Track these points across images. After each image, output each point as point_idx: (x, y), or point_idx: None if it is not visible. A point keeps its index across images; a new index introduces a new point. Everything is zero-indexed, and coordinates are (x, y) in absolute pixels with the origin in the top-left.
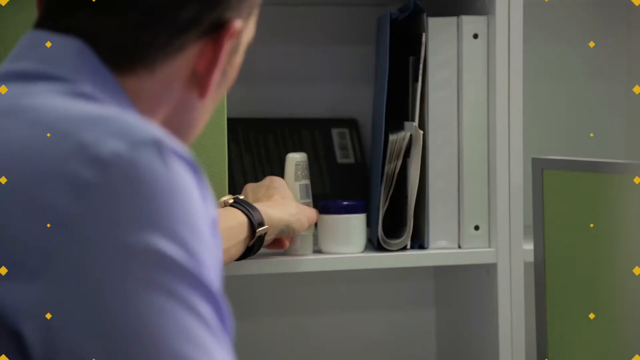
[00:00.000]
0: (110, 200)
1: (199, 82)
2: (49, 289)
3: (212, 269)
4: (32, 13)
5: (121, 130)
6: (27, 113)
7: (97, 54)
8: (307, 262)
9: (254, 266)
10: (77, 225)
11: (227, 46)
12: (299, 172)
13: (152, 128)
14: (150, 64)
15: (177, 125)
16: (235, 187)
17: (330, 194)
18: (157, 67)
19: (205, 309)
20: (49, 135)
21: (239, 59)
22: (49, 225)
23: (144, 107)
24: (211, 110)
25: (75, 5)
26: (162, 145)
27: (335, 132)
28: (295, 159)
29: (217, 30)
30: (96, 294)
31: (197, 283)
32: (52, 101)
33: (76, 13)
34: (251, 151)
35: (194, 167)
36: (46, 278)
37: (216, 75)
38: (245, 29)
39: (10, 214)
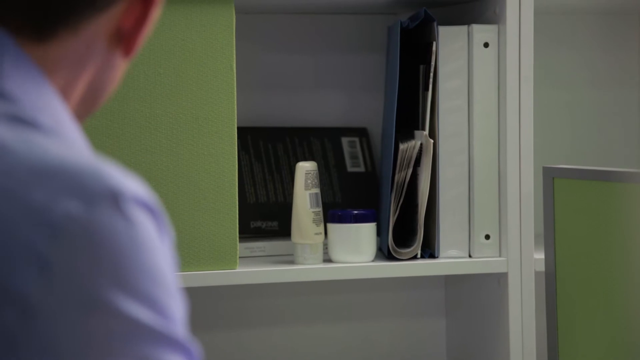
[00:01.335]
0: (71, 273)
1: (124, 39)
2: None
3: (180, 318)
4: None
5: (73, 185)
6: None
7: (13, 29)
8: (317, 271)
9: (264, 275)
10: (42, 307)
11: (157, 3)
12: (309, 181)
13: (106, 173)
14: (73, 24)
15: (101, 84)
16: (245, 196)
17: (340, 202)
18: (80, 27)
19: (175, 358)
20: None
21: (157, 11)
22: (10, 308)
23: (69, 73)
24: (127, 67)
25: None
26: (120, 196)
27: (345, 140)
28: (305, 168)
29: None
30: None
31: (169, 341)
32: None
33: None
34: (261, 160)
35: (151, 208)
36: None
37: (144, 33)
38: None
39: None
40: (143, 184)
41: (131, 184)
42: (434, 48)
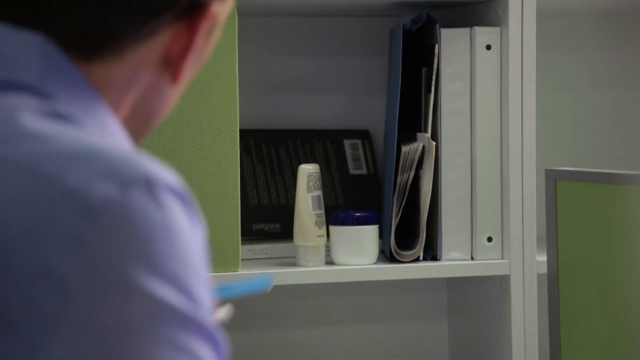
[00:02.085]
0: (107, 254)
1: (172, 66)
2: (55, 354)
3: (207, 304)
4: None
5: (108, 169)
6: (3, 150)
7: (62, 46)
8: (319, 273)
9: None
10: (76, 286)
11: (202, 30)
12: (311, 184)
13: (140, 161)
14: (118, 49)
15: (146, 110)
16: (247, 199)
17: (342, 205)
18: (126, 52)
19: (204, 350)
20: (33, 179)
21: (215, 38)
22: (47, 287)
23: (113, 94)
24: (180, 93)
25: None
26: (153, 182)
27: (347, 143)
28: (307, 170)
29: (193, 14)
30: (100, 354)
31: (196, 327)
32: (28, 130)
33: (41, 2)
34: (263, 162)
35: (183, 197)
36: (51, 344)
37: (190, 60)
38: (224, 7)
39: (6, 274)
40: (177, 176)
41: (165, 173)
42: (436, 50)
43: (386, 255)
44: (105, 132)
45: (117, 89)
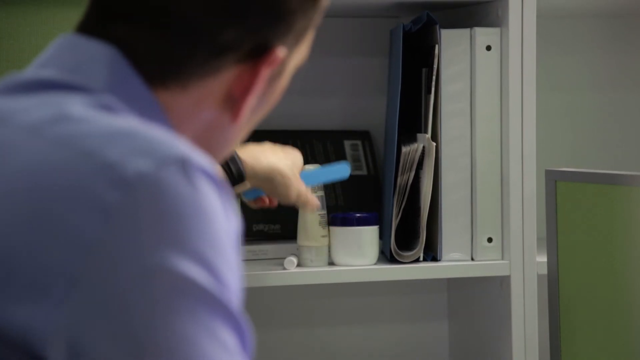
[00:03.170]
0: (135, 224)
1: (233, 105)
2: (75, 314)
3: (234, 289)
4: (45, 33)
5: (146, 147)
6: (49, 129)
7: (131, 64)
8: (320, 274)
9: (267, 278)
10: (102, 249)
11: (264, 73)
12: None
13: (177, 143)
14: (183, 81)
15: (207, 144)
16: None
17: (342, 205)
18: (190, 85)
19: (226, 333)
20: (73, 153)
21: (282, 83)
22: (74, 250)
23: (173, 122)
24: (246, 131)
25: (116, 14)
26: (188, 163)
27: (347, 144)
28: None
29: (257, 56)
30: (121, 319)
31: (220, 307)
32: (74, 114)
33: (117, 21)
34: None
35: (218, 184)
36: (72, 303)
37: (250, 101)
38: (292, 55)
39: (34, 236)
40: (212, 163)
41: (200, 157)
42: (436, 51)
43: (386, 256)
44: (154, 123)
45: (177, 119)
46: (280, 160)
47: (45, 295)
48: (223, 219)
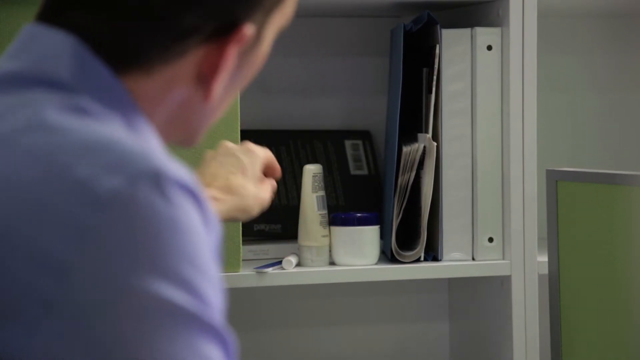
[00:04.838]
0: (110, 245)
1: (204, 84)
2: (49, 339)
3: (215, 303)
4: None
5: (119, 162)
6: (21, 139)
7: (93, 53)
8: (320, 274)
9: (267, 278)
10: (76, 272)
11: (232, 52)
12: (316, 184)
13: (152, 156)
14: (146, 67)
15: (182, 124)
16: None
17: (343, 205)
18: (154, 70)
19: (209, 348)
20: (45, 168)
21: (263, 51)
22: (46, 272)
23: (143, 106)
24: (221, 111)
25: (74, 0)
26: (162, 177)
27: (348, 143)
28: (312, 171)
29: (224, 35)
30: (98, 344)
31: (202, 325)
32: (48, 121)
33: (75, 8)
34: None
35: (195, 195)
36: (45, 329)
37: (220, 80)
38: (269, 23)
39: (5, 257)
40: (191, 173)
41: (177, 169)
42: (437, 51)
43: (387, 256)
44: (134, 130)
45: (146, 103)
46: (232, 201)
47: (19, 318)
48: (202, 232)
